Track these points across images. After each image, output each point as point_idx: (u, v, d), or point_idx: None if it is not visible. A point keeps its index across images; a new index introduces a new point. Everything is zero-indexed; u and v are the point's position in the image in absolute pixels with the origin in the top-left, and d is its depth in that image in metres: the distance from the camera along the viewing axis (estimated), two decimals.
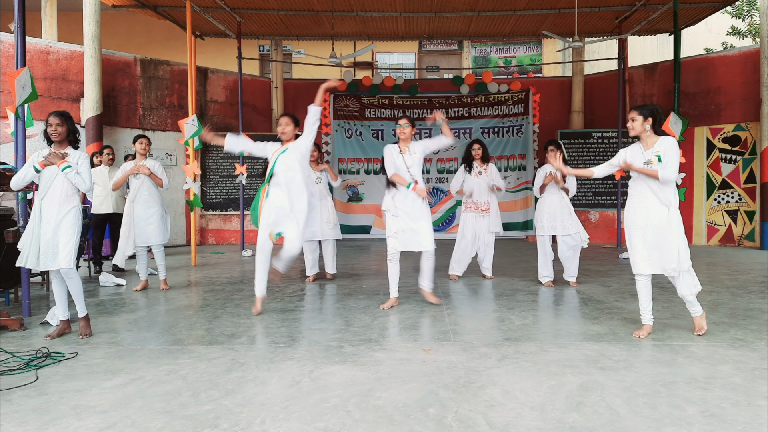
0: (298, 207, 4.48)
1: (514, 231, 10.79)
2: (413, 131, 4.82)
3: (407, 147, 4.82)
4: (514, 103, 10.94)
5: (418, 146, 4.84)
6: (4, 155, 7.42)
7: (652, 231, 3.74)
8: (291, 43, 15.07)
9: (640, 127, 3.79)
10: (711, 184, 10.04)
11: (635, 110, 3.81)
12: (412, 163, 4.76)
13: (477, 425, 2.46)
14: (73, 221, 3.92)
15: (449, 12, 9.56)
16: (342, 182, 10.96)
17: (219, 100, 11.12)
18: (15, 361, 3.36)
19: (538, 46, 16.85)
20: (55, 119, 3.93)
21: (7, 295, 5.11)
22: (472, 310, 4.85)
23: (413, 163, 4.76)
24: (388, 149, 4.83)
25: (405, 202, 4.73)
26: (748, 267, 7.20)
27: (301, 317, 4.57)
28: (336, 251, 6.45)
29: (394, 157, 4.77)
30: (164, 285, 5.82)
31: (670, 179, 3.68)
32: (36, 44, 8.91)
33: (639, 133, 3.82)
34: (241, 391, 2.88)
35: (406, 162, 4.75)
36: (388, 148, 4.84)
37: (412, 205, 4.74)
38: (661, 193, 3.73)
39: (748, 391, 2.83)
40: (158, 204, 5.81)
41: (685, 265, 3.68)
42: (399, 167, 4.75)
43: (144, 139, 5.84)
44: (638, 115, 3.78)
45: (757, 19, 13.69)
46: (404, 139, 4.82)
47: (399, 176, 4.73)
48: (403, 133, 4.80)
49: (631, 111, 3.84)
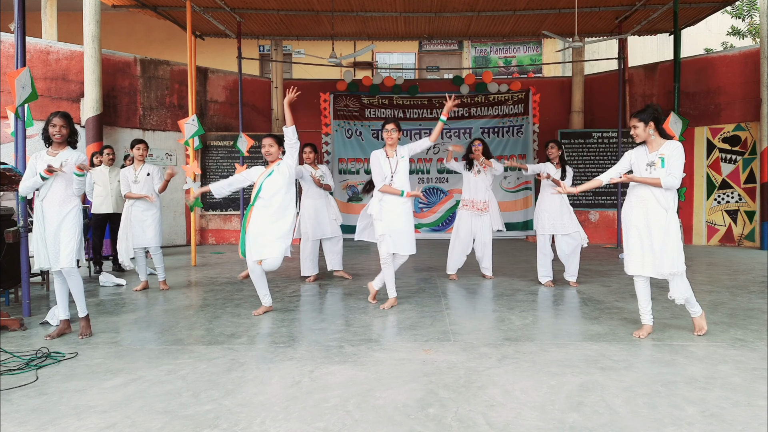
0: (282, 227, 4.51)
1: (514, 231, 10.79)
2: (400, 135, 4.84)
3: (394, 151, 4.83)
4: (514, 103, 10.94)
5: (405, 150, 4.86)
6: (4, 155, 7.42)
7: (649, 233, 3.73)
8: (291, 43, 15.08)
9: (643, 133, 3.76)
10: (711, 184, 10.04)
11: (635, 117, 3.78)
12: (398, 168, 4.77)
13: (477, 425, 2.46)
14: (74, 221, 3.93)
15: (449, 12, 9.56)
16: (342, 182, 10.99)
17: (219, 100, 11.12)
18: (15, 361, 3.36)
19: (538, 46, 16.85)
20: (60, 120, 3.92)
21: (7, 295, 5.11)
22: (472, 310, 4.85)
23: (400, 168, 4.78)
24: (374, 155, 4.84)
25: (393, 204, 4.75)
26: (748, 267, 7.20)
27: (301, 317, 4.57)
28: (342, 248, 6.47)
29: (380, 162, 4.78)
30: (163, 286, 5.83)
31: (673, 186, 3.67)
32: (36, 44, 8.91)
33: (644, 139, 3.79)
34: (241, 391, 2.88)
35: (392, 167, 4.77)
36: (375, 154, 4.85)
37: (401, 208, 4.77)
38: (662, 197, 3.71)
39: (748, 391, 2.83)
40: (156, 207, 5.83)
41: (679, 268, 3.68)
42: (384, 172, 4.76)
43: (141, 145, 5.81)
44: (639, 122, 3.75)
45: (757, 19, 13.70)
46: (391, 144, 4.83)
47: (389, 188, 4.75)
48: (391, 138, 4.80)
49: (632, 119, 3.81)
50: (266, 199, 4.49)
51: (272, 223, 4.48)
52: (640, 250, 3.79)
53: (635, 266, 3.83)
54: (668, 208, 3.71)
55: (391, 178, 4.77)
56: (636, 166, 3.83)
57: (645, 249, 3.77)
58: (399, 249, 4.78)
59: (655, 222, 3.71)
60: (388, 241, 4.73)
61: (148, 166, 5.84)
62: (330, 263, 6.42)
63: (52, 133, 3.92)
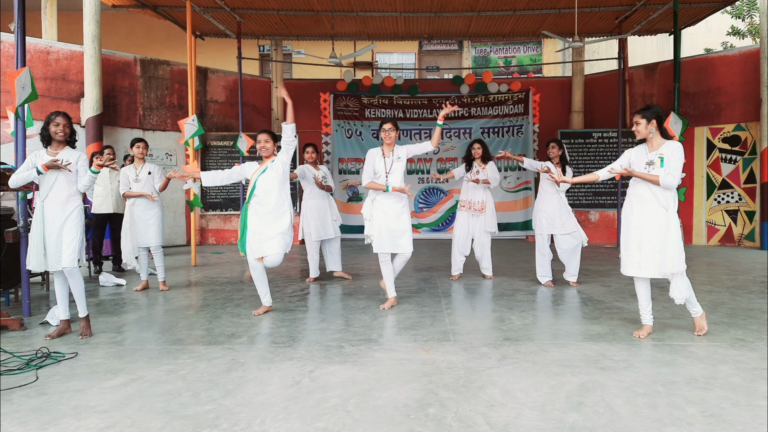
0: (281, 225, 4.51)
1: (514, 231, 10.80)
2: (397, 135, 4.82)
3: (391, 151, 4.80)
4: (514, 103, 10.94)
5: (402, 151, 4.82)
6: (4, 155, 7.43)
7: (649, 233, 3.72)
8: (291, 43, 15.08)
9: (644, 130, 3.78)
10: (711, 184, 10.04)
11: (639, 114, 3.80)
12: (393, 168, 4.74)
13: (477, 425, 2.46)
14: (76, 221, 3.94)
15: (449, 12, 9.56)
16: (342, 182, 11.00)
17: (219, 100, 11.12)
18: (15, 361, 3.36)
19: (538, 46, 16.85)
20: (63, 119, 3.93)
21: (7, 295, 5.11)
22: (471, 310, 4.85)
23: (396, 168, 4.74)
24: (370, 153, 4.82)
25: (385, 203, 4.74)
26: (748, 267, 7.20)
27: (301, 317, 4.57)
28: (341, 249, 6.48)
29: (375, 161, 4.76)
30: (163, 286, 5.83)
31: (671, 186, 3.67)
32: (36, 44, 8.91)
33: (644, 136, 3.81)
34: (241, 391, 2.88)
35: (386, 166, 4.74)
36: (371, 152, 4.83)
37: (392, 207, 4.75)
38: (661, 196, 3.71)
39: (748, 391, 2.83)
40: (158, 206, 5.83)
41: (680, 268, 3.68)
42: (378, 171, 4.75)
43: (141, 143, 5.80)
44: (641, 119, 3.77)
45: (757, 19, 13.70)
46: (389, 143, 4.80)
47: (374, 183, 4.74)
48: (389, 137, 4.75)
49: (635, 115, 3.83)
50: (261, 197, 4.49)
51: (271, 222, 4.49)
52: (637, 251, 3.78)
53: (632, 268, 3.83)
54: (668, 207, 3.71)
55: (385, 178, 4.75)
56: (635, 165, 3.83)
57: (644, 250, 3.75)
58: (394, 248, 4.76)
59: (655, 221, 3.71)
60: (377, 242, 4.73)
61: (149, 164, 5.85)
62: (330, 264, 6.42)
63: (56, 131, 3.92)
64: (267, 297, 4.70)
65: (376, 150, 4.85)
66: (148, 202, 5.75)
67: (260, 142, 4.62)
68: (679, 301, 3.78)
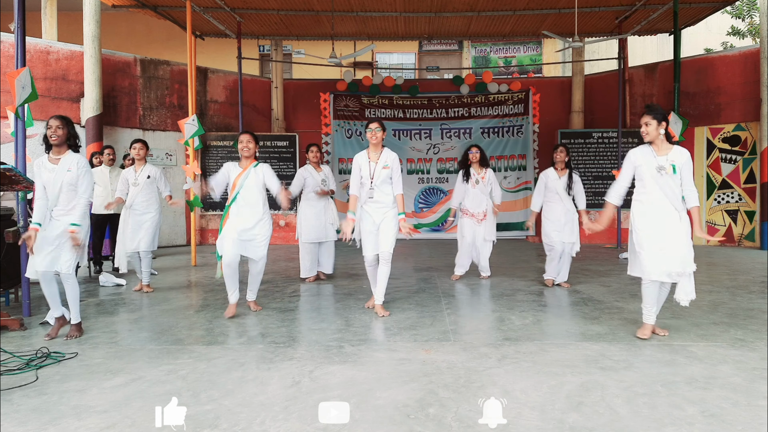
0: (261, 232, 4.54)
1: (514, 231, 10.80)
2: (384, 135, 4.60)
3: (378, 155, 4.60)
4: (514, 103, 10.95)
5: (392, 160, 4.62)
6: (4, 155, 7.42)
7: (661, 235, 3.66)
8: (291, 43, 15.07)
9: (654, 132, 3.66)
10: (711, 184, 10.04)
11: (649, 114, 3.66)
12: (378, 174, 4.56)
13: (477, 425, 2.46)
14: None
15: (449, 12, 9.56)
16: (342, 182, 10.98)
17: (219, 100, 11.12)
18: (15, 361, 3.36)
19: (538, 46, 16.85)
20: (55, 121, 3.89)
21: (7, 295, 5.11)
22: (472, 310, 4.85)
23: (380, 175, 4.56)
24: (356, 159, 4.67)
25: (372, 207, 4.63)
26: (748, 267, 7.20)
27: (301, 317, 4.57)
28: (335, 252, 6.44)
29: (360, 166, 4.63)
30: (146, 288, 5.71)
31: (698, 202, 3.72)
32: (36, 44, 8.91)
33: (654, 138, 3.69)
34: (241, 391, 2.88)
35: (371, 171, 4.58)
36: (357, 157, 4.67)
37: (377, 210, 4.62)
38: (676, 200, 3.67)
39: (748, 391, 2.83)
40: (155, 210, 5.78)
41: (689, 268, 3.65)
42: (363, 177, 4.62)
43: (138, 144, 5.72)
44: (652, 120, 3.64)
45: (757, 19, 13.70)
46: (375, 143, 4.56)
47: (352, 201, 4.68)
48: (375, 137, 4.51)
49: (644, 115, 3.69)
50: (245, 199, 4.51)
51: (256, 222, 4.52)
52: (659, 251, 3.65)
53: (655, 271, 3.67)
54: (680, 209, 3.69)
55: (370, 185, 4.58)
56: (643, 168, 3.73)
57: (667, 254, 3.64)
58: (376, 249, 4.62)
59: (670, 224, 3.66)
60: (363, 245, 4.68)
61: (150, 167, 5.78)
62: (322, 265, 6.37)
63: (49, 134, 3.89)
64: (235, 295, 4.58)
65: (362, 154, 4.66)
66: (147, 205, 5.70)
67: (242, 142, 4.58)
68: (685, 303, 3.71)
